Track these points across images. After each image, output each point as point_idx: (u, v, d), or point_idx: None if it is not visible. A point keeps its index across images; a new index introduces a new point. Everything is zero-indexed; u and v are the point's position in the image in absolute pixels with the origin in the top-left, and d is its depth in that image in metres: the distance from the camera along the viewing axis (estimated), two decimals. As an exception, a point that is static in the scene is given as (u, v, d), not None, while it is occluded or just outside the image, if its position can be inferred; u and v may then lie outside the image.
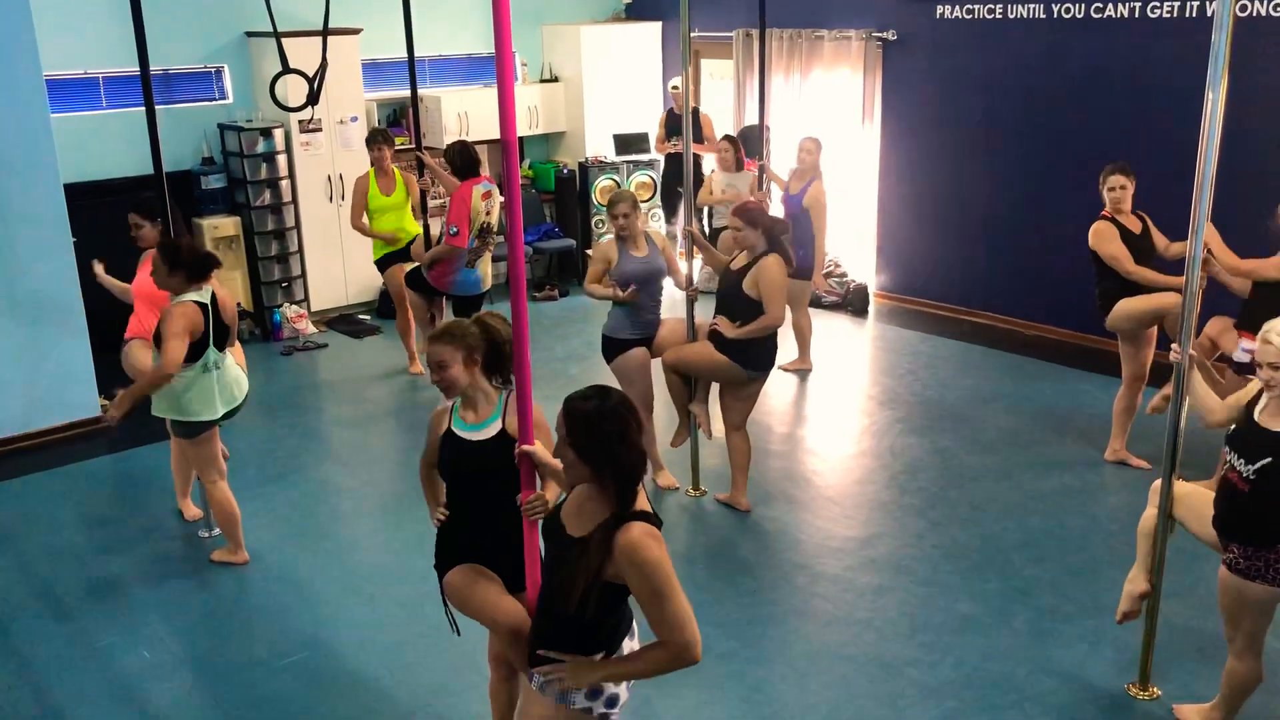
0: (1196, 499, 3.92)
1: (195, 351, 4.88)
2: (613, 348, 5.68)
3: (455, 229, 6.89)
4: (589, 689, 2.82)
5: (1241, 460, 3.56)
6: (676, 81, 9.81)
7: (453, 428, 3.45)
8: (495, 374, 3.50)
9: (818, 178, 7.41)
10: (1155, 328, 5.82)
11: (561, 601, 2.71)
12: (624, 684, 2.90)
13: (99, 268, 5.91)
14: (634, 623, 2.96)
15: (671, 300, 6.02)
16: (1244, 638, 3.70)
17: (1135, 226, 5.75)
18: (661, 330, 5.74)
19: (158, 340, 4.83)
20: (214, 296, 4.95)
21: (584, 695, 2.82)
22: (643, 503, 2.77)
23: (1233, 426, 3.69)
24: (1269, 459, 3.48)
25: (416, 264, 7.44)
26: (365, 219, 7.67)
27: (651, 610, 2.67)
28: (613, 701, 2.87)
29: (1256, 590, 3.57)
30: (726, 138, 8.27)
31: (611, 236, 5.72)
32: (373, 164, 7.67)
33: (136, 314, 5.74)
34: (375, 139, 7.66)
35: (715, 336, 5.45)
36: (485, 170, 7.15)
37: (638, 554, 2.65)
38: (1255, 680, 3.77)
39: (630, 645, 2.93)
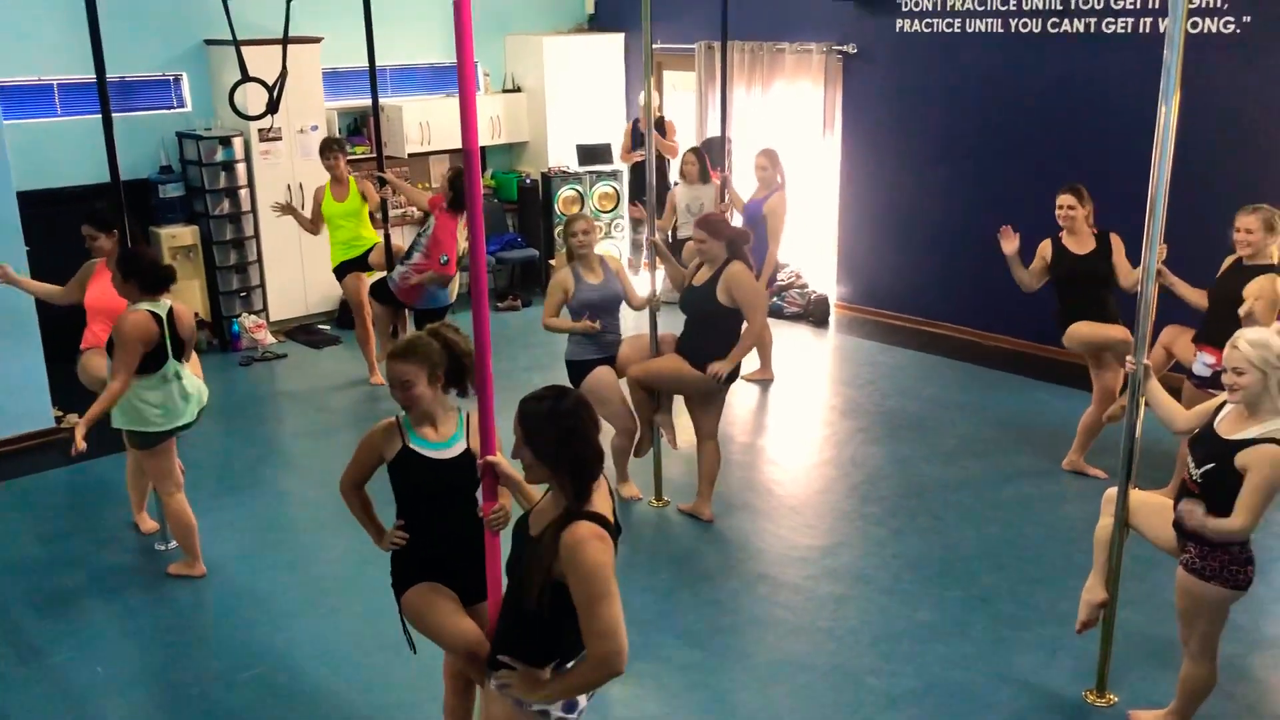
0: (1150, 507, 3.98)
1: (154, 362, 4.84)
2: (578, 370, 5.68)
3: (446, 259, 6.95)
4: (562, 703, 2.83)
5: (1193, 463, 3.65)
6: None
7: (412, 446, 3.40)
8: (455, 385, 3.48)
9: (779, 188, 7.44)
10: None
11: (524, 598, 2.74)
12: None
13: (6, 269, 5.81)
14: None
15: (627, 321, 6.00)
16: (1199, 640, 3.75)
17: (1083, 248, 5.79)
18: (623, 348, 5.74)
19: (110, 349, 4.79)
20: (171, 309, 4.92)
21: (560, 709, 2.84)
22: (601, 503, 2.78)
23: (1195, 433, 3.77)
24: (1212, 464, 3.57)
25: (380, 274, 7.40)
26: (320, 226, 7.67)
27: (583, 613, 2.67)
28: (571, 707, 2.86)
29: (1212, 591, 3.63)
30: (691, 150, 8.27)
31: (565, 267, 5.71)
32: (328, 172, 7.65)
33: (90, 326, 5.67)
34: (328, 148, 7.63)
35: (684, 349, 5.47)
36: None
37: (576, 554, 2.66)
38: (1210, 683, 3.82)
39: None
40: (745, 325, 5.39)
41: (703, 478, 5.71)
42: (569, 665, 2.86)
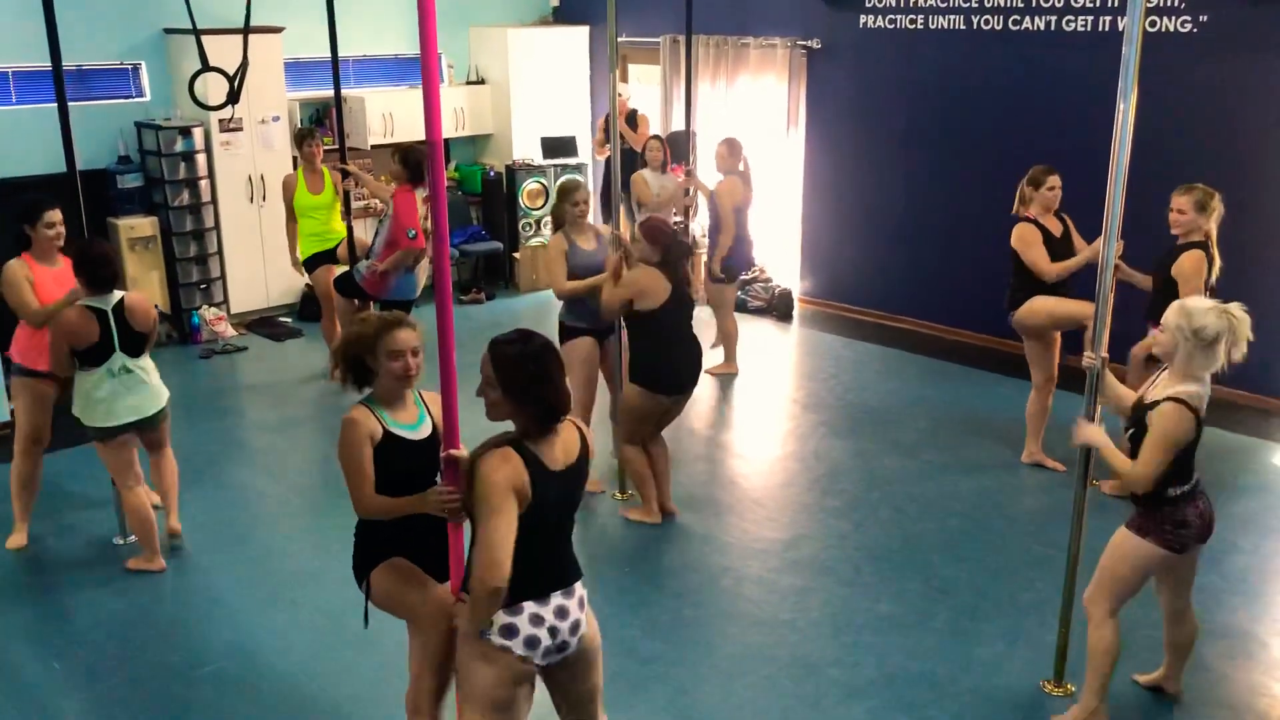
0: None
1: (97, 356, 4.85)
2: (565, 334, 5.76)
3: (413, 232, 6.85)
4: (497, 627, 2.95)
5: (1124, 430, 3.84)
6: (622, 88, 9.80)
7: (391, 429, 3.38)
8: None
9: (734, 173, 7.50)
10: (1060, 333, 5.97)
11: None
12: (534, 624, 2.98)
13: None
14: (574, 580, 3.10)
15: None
16: (1105, 592, 3.86)
17: (1057, 229, 5.90)
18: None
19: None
20: (121, 302, 4.87)
21: (495, 632, 2.96)
22: (551, 450, 2.94)
23: None
24: (1133, 428, 3.75)
25: (345, 268, 7.34)
26: (294, 220, 7.59)
27: (474, 528, 2.87)
28: (510, 631, 2.97)
29: (1146, 547, 3.76)
30: (655, 137, 8.30)
31: (558, 234, 5.78)
32: (303, 161, 7.58)
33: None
34: (307, 136, 7.57)
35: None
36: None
37: (478, 468, 2.86)
38: (1114, 651, 3.89)
39: (561, 600, 3.04)
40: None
41: (661, 478, 5.69)
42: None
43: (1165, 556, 3.77)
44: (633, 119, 9.43)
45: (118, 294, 4.92)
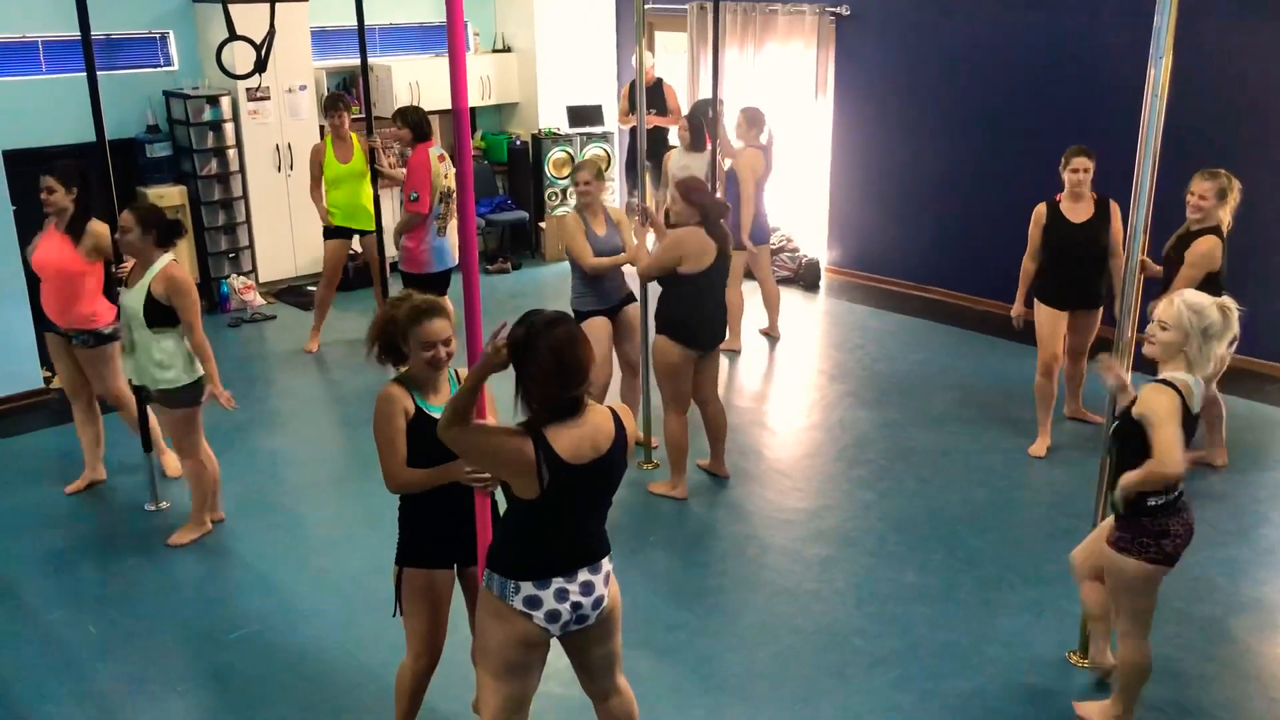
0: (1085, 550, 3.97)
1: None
2: (579, 320, 5.67)
3: (415, 194, 6.76)
4: (522, 597, 2.99)
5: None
6: (647, 57, 9.71)
7: (423, 408, 3.36)
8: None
9: (755, 145, 7.42)
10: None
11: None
12: (559, 599, 3.01)
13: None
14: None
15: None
16: (1126, 618, 3.67)
17: (1080, 215, 5.70)
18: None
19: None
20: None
21: (520, 601, 2.99)
22: (573, 440, 2.91)
23: None
24: (1118, 422, 3.60)
25: (357, 248, 7.29)
26: (323, 189, 7.57)
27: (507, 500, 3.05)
28: (552, 616, 3.02)
29: (1132, 566, 3.55)
30: (687, 116, 8.08)
31: (573, 211, 5.73)
32: (331, 130, 7.56)
33: (44, 288, 5.47)
34: (335, 104, 7.54)
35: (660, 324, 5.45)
36: (437, 139, 7.05)
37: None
38: (1142, 664, 3.69)
39: (588, 576, 3.07)
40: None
41: (716, 440, 5.76)
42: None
43: (1155, 570, 3.55)
44: (658, 88, 9.36)
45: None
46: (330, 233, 7.72)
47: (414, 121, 6.81)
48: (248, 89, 8.46)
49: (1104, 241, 5.72)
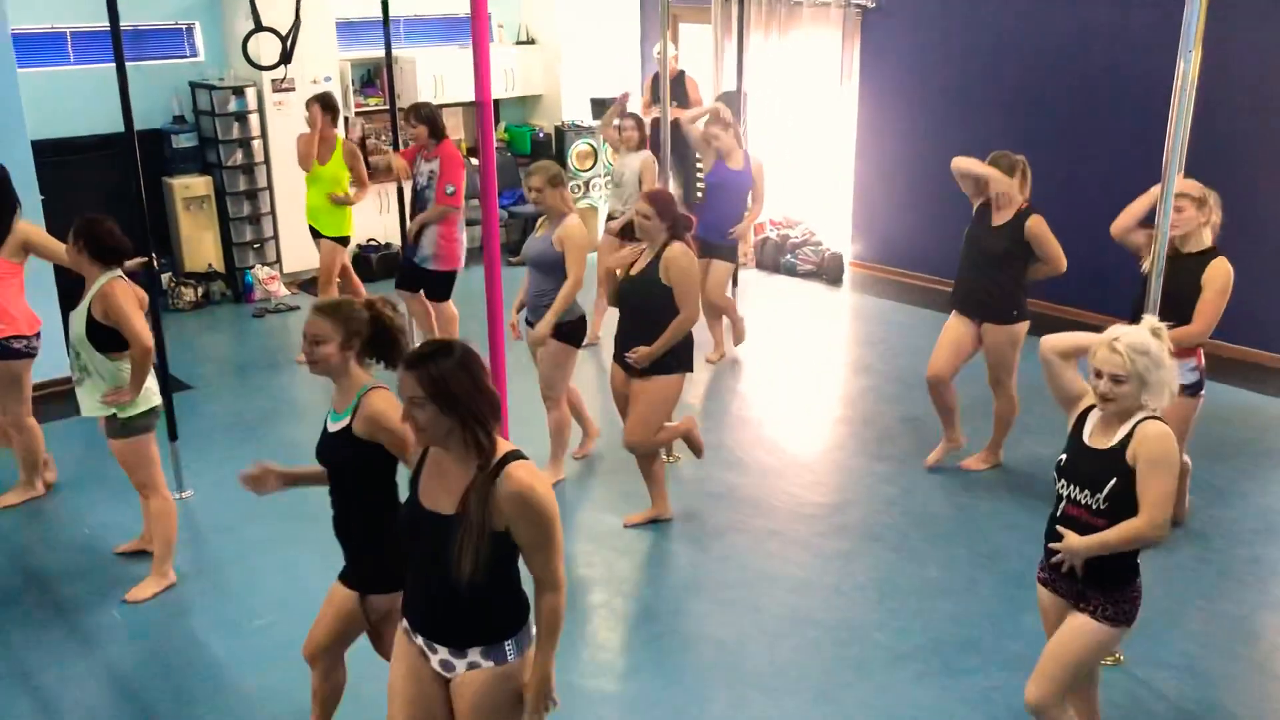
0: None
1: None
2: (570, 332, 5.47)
3: (452, 188, 6.60)
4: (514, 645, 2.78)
5: (1085, 492, 3.19)
6: (670, 49, 9.68)
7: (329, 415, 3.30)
8: (381, 359, 3.34)
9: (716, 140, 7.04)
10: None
11: (458, 574, 2.61)
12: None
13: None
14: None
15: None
16: (1072, 678, 3.29)
17: (996, 217, 5.70)
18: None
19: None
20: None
21: (511, 650, 2.78)
22: (505, 445, 2.69)
23: (1062, 458, 3.31)
24: (1114, 479, 3.13)
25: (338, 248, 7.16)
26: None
27: (542, 553, 2.67)
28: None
29: (1116, 634, 3.27)
30: (631, 115, 7.46)
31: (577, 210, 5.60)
32: (308, 125, 7.19)
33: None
34: (313, 100, 7.14)
35: (624, 345, 5.03)
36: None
37: (529, 494, 2.60)
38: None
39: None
40: (679, 314, 4.86)
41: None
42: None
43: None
44: (681, 81, 9.34)
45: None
46: (313, 233, 7.53)
47: (427, 116, 6.65)
48: (273, 80, 8.49)
49: (998, 250, 5.58)
